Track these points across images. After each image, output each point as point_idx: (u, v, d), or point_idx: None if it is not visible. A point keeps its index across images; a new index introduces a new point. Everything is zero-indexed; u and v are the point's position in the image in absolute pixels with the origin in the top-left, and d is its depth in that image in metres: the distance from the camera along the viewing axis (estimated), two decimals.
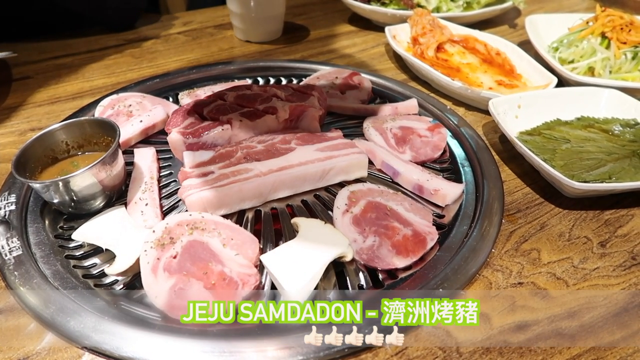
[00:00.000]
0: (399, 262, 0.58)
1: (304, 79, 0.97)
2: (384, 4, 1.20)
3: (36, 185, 0.62)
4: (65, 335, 0.50)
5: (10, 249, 0.59)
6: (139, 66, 1.02)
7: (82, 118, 0.69)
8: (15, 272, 0.56)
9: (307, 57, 1.06)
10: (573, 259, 0.61)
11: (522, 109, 0.82)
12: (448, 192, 0.68)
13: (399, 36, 1.09)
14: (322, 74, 0.96)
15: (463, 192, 0.70)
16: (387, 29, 1.07)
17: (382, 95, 0.94)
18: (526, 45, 1.03)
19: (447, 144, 0.80)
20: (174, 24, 1.21)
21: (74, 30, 1.15)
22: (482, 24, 1.19)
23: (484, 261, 0.60)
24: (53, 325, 0.51)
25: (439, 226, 0.65)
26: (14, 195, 0.66)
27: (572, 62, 0.99)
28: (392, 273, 0.59)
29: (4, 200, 0.65)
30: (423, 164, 0.76)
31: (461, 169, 0.75)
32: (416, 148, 0.77)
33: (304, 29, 1.21)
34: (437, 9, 1.18)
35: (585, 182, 0.67)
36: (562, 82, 0.92)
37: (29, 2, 1.11)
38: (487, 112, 0.79)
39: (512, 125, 0.80)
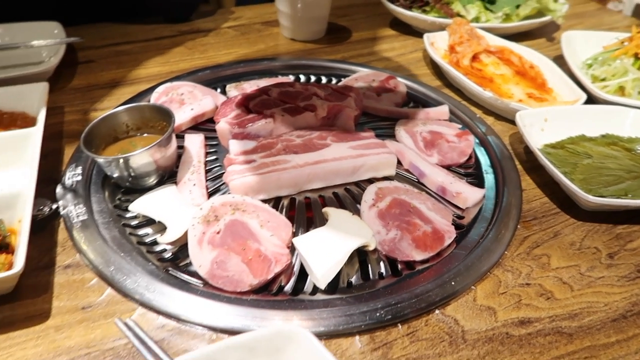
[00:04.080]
0: (418, 255, 0.64)
1: (343, 79, 1.03)
2: (424, 11, 1.24)
3: (100, 160, 0.70)
4: (122, 291, 0.58)
5: (77, 214, 0.67)
6: (191, 57, 1.10)
7: (142, 103, 0.77)
8: (82, 234, 0.64)
9: (347, 58, 1.12)
10: (581, 266, 0.66)
11: (549, 123, 0.86)
12: (469, 195, 0.73)
13: (437, 43, 1.14)
14: (361, 76, 1.02)
15: (483, 196, 0.75)
16: (425, 35, 1.12)
17: (415, 100, 0.99)
18: (560, 60, 1.06)
19: (473, 150, 0.84)
20: (225, 19, 1.28)
21: (133, 19, 1.24)
22: (519, 36, 1.22)
23: (496, 261, 0.65)
24: (112, 282, 0.59)
25: (457, 226, 0.70)
26: (80, 167, 0.75)
27: (604, 79, 1.02)
28: (410, 265, 0.65)
29: (72, 171, 0.74)
30: (448, 167, 0.81)
31: (484, 175, 0.80)
32: (443, 152, 0.82)
33: (346, 31, 1.26)
34: (476, 19, 1.22)
35: (601, 196, 0.71)
36: (592, 99, 0.95)
37: None
38: (515, 123, 0.84)
39: (538, 138, 0.84)
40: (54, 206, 0.67)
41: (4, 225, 0.61)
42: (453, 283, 0.61)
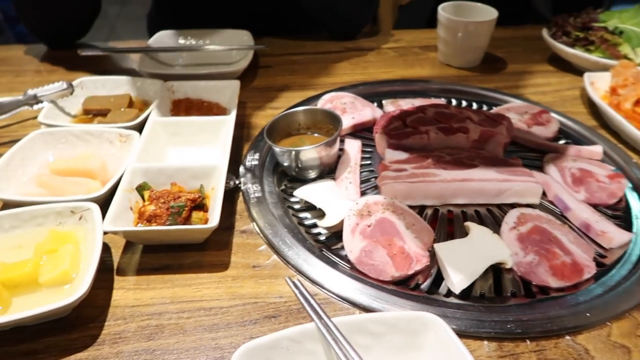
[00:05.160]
0: (553, 282, 0.67)
1: (494, 107, 1.06)
2: (588, 50, 1.22)
3: (277, 150, 0.83)
4: (285, 259, 0.69)
5: (253, 191, 0.80)
6: (354, 71, 1.22)
7: (317, 107, 0.89)
8: (256, 208, 0.77)
9: (500, 88, 1.15)
10: None
11: None
12: (615, 236, 0.73)
13: (597, 83, 1.12)
14: (513, 106, 1.05)
15: (631, 241, 0.74)
16: (586, 75, 1.11)
17: (567, 136, 1.00)
18: None
19: (625, 194, 0.83)
20: (386, 40, 1.39)
21: (305, 34, 1.40)
22: None
23: (637, 304, 0.65)
24: (278, 250, 0.70)
25: (598, 264, 0.71)
26: (258, 153, 0.89)
27: None
28: (544, 290, 0.67)
29: (251, 156, 0.88)
30: (595, 206, 0.81)
31: (634, 220, 0.79)
32: (591, 191, 0.82)
33: (502, 61, 1.29)
34: None
35: None
36: None
37: (277, 4, 1.39)
38: None
39: None
40: (237, 182, 0.82)
41: (203, 188, 0.76)
42: (588, 314, 0.62)
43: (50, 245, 0.64)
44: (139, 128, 0.87)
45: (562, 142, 0.99)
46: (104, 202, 0.70)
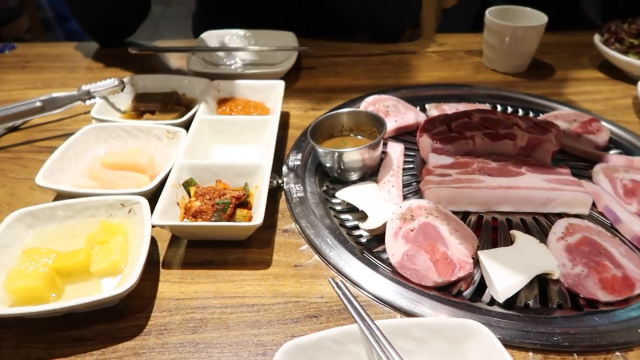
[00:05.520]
0: (602, 296, 0.64)
1: (541, 114, 1.04)
2: None
3: (320, 150, 0.83)
4: (326, 260, 0.70)
5: (295, 190, 0.81)
6: (396, 75, 1.21)
7: (361, 109, 0.89)
8: (298, 208, 0.78)
9: (547, 95, 1.12)
10: None
11: None
12: None
13: None
14: (561, 114, 1.02)
15: None
16: None
17: (618, 146, 0.96)
18: None
19: None
20: (429, 44, 1.38)
21: (348, 36, 1.40)
22: None
23: None
24: (319, 251, 0.71)
25: None
26: (300, 154, 0.89)
27: None
28: (592, 303, 0.65)
29: (294, 156, 0.89)
30: None
31: None
32: None
33: (550, 67, 1.26)
34: None
35: None
36: None
37: (317, 8, 1.40)
38: None
39: None
40: (280, 181, 0.82)
41: (248, 186, 0.77)
42: (639, 331, 0.60)
43: (102, 236, 0.66)
44: (186, 125, 0.89)
45: (612, 152, 0.96)
46: (152, 196, 0.72)
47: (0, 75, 1.21)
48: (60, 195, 0.78)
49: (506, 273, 0.65)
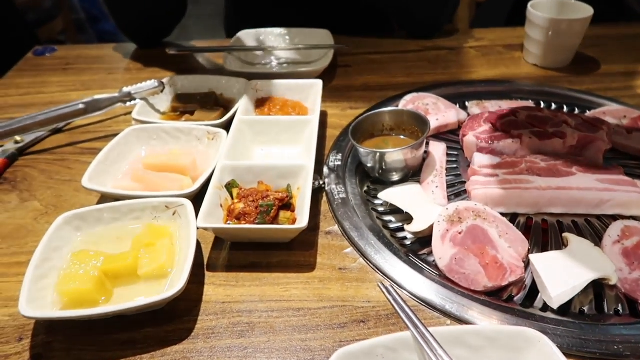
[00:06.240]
0: None
1: (587, 111, 1.00)
2: None
3: (362, 150, 0.82)
4: (371, 263, 0.68)
5: (337, 191, 0.80)
6: (434, 71, 1.18)
7: (403, 108, 0.88)
8: (341, 209, 0.77)
9: (593, 90, 1.08)
10: None
11: None
12: None
13: None
14: (609, 110, 0.98)
15: None
16: None
17: None
18: None
19: None
20: (466, 39, 1.34)
21: (383, 33, 1.38)
22: None
23: None
24: (364, 253, 0.70)
25: None
26: (340, 154, 0.88)
27: None
28: None
29: (334, 156, 0.88)
30: None
31: None
32: None
33: (595, 62, 1.21)
34: None
35: None
36: None
37: (353, 5, 1.38)
38: None
39: None
40: (322, 182, 0.82)
41: (291, 188, 0.76)
42: None
43: (148, 239, 0.66)
44: (225, 126, 0.89)
45: None
46: (194, 198, 0.72)
47: (43, 77, 1.23)
48: (105, 197, 0.78)
49: (560, 278, 0.63)
